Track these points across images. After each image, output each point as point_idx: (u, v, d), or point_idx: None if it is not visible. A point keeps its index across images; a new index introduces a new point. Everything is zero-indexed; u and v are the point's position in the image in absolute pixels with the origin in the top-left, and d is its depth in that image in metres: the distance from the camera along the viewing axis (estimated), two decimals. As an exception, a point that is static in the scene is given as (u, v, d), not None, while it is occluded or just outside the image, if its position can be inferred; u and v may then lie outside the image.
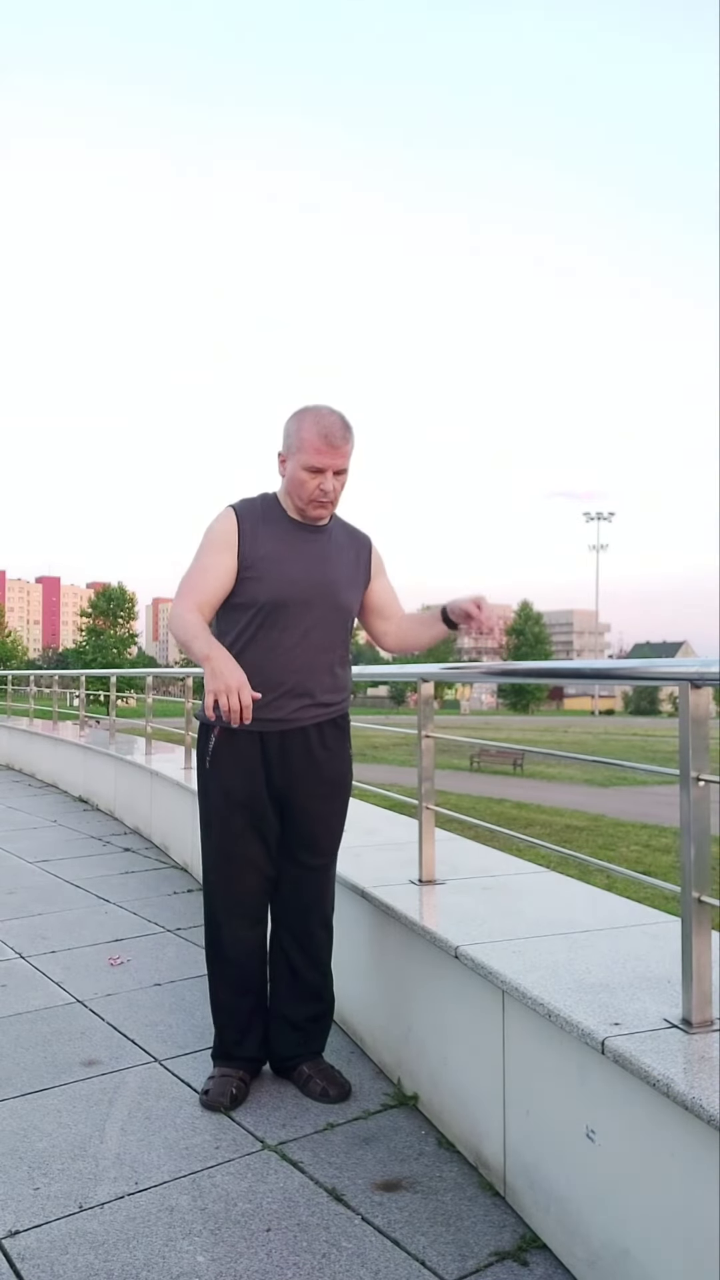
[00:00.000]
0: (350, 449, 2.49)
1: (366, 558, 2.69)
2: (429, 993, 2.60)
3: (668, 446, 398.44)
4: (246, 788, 2.53)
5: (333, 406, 2.49)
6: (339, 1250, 1.98)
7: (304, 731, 2.54)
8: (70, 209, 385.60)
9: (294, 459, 2.47)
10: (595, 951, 2.36)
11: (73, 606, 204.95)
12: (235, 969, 2.64)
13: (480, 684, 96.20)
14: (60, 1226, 2.07)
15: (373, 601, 2.71)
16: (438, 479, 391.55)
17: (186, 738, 6.72)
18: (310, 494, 2.48)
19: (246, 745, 2.51)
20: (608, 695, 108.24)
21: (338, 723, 2.63)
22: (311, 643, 2.51)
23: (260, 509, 2.56)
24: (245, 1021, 2.67)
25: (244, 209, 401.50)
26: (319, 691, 2.54)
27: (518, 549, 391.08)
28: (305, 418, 2.46)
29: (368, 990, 2.97)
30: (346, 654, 2.64)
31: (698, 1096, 1.60)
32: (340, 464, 2.47)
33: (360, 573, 2.65)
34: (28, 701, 12.72)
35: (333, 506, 2.55)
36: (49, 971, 3.81)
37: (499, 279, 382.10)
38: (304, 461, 2.45)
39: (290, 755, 2.54)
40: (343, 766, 2.66)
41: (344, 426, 2.46)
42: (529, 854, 5.62)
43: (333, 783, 2.63)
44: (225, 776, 2.54)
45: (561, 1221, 1.97)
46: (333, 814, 2.66)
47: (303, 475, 2.46)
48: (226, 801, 2.54)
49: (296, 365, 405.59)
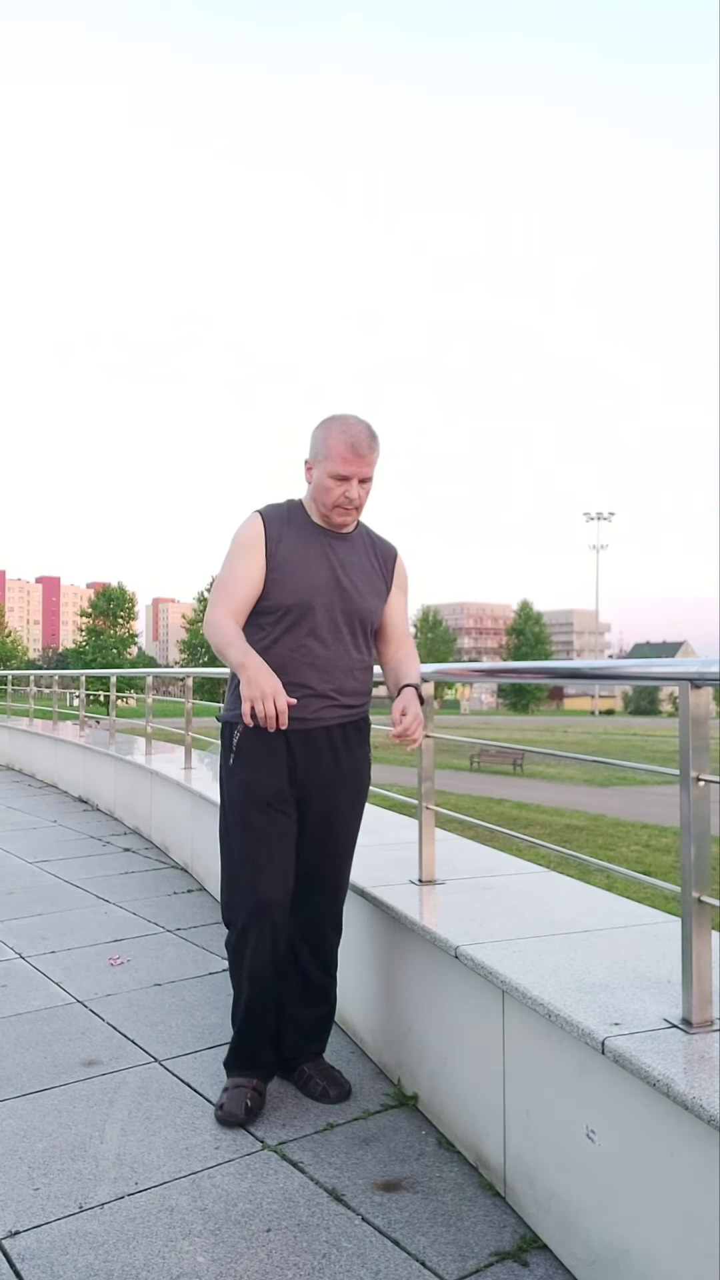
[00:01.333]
0: (376, 458, 2.54)
1: (390, 568, 2.71)
2: (429, 993, 2.60)
3: (668, 446, 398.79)
4: (271, 784, 2.53)
5: (359, 416, 2.54)
6: (339, 1250, 1.98)
7: (327, 731, 2.56)
8: (68, 210, 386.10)
9: (320, 466, 2.52)
10: (595, 951, 2.36)
11: (73, 606, 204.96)
12: (262, 977, 2.58)
13: (480, 684, 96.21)
14: (60, 1227, 2.07)
15: (385, 615, 2.72)
16: (438, 479, 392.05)
17: (186, 738, 6.73)
18: (335, 500, 2.52)
19: (271, 742, 2.52)
20: (608, 695, 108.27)
21: (359, 725, 2.65)
22: (335, 645, 2.55)
23: (286, 514, 2.60)
24: (263, 1027, 2.64)
25: (242, 211, 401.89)
26: (342, 693, 2.57)
27: (518, 549, 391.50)
28: (333, 426, 2.52)
29: (368, 990, 2.97)
30: (369, 658, 2.67)
31: (698, 1096, 1.60)
32: (366, 472, 2.51)
33: (382, 581, 2.68)
34: (28, 701, 12.72)
35: (357, 513, 2.60)
36: (49, 971, 3.81)
37: (498, 279, 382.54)
38: (330, 469, 2.49)
39: (313, 754, 2.55)
40: (362, 768, 2.67)
41: (370, 436, 2.51)
42: (529, 854, 5.63)
43: (352, 784, 2.64)
44: (250, 772, 2.54)
45: (561, 1221, 1.97)
46: (350, 816, 2.67)
47: (329, 483, 2.51)
48: (251, 798, 2.53)
49: (296, 364, 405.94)
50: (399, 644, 2.72)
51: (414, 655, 2.73)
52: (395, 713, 2.47)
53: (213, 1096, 2.68)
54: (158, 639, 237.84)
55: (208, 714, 9.28)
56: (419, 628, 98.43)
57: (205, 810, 5.29)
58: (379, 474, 2.57)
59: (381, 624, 2.70)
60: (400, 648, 2.72)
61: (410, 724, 2.42)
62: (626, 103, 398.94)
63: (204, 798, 5.29)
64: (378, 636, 2.71)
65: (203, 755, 7.21)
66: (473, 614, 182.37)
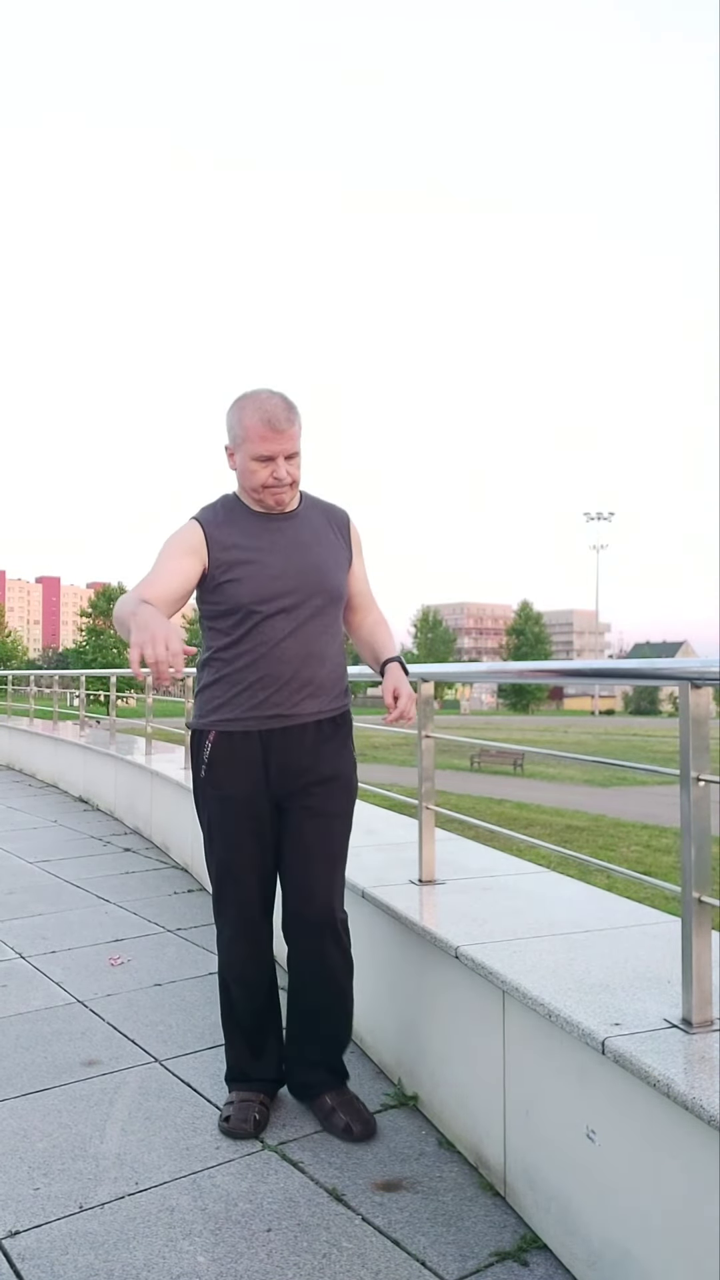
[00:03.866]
0: (297, 430, 2.36)
1: (347, 534, 2.57)
2: (429, 993, 2.60)
3: (668, 446, 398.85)
4: (245, 791, 2.42)
5: (272, 389, 2.37)
6: (339, 1250, 1.98)
7: (304, 729, 2.43)
8: (68, 210, 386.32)
9: (241, 450, 2.38)
10: (595, 951, 2.36)
11: (73, 606, 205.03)
12: (246, 989, 2.53)
13: (480, 684, 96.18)
14: (60, 1227, 2.07)
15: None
16: (437, 479, 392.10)
17: (186, 738, 6.73)
18: (264, 482, 2.37)
19: (244, 747, 2.41)
20: (608, 695, 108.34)
21: (338, 720, 2.51)
22: (305, 633, 2.40)
23: (222, 511, 2.46)
24: (260, 1041, 2.57)
25: (243, 211, 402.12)
26: (318, 682, 2.43)
27: (518, 549, 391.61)
28: (245, 406, 2.35)
29: (368, 990, 2.97)
30: (340, 640, 2.53)
31: (698, 1096, 1.60)
32: (289, 448, 2.35)
33: (342, 551, 2.53)
34: (28, 701, 12.72)
35: (293, 489, 2.44)
36: (49, 971, 3.81)
37: (498, 279, 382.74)
38: (251, 451, 2.35)
39: (292, 754, 2.42)
40: (347, 767, 2.53)
41: (287, 408, 2.34)
42: (529, 854, 5.63)
43: (335, 781, 2.49)
44: (223, 783, 2.43)
45: (561, 1221, 1.97)
46: (336, 816, 2.51)
47: (253, 465, 2.36)
48: (225, 809, 2.44)
49: (297, 363, 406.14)
50: (366, 610, 2.62)
51: (384, 622, 2.64)
52: (387, 695, 2.38)
53: (213, 1096, 2.68)
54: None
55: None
56: (419, 628, 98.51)
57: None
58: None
59: (350, 591, 2.58)
60: (368, 614, 2.62)
61: (405, 705, 2.36)
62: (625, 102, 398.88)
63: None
64: (347, 605, 2.59)
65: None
66: (473, 614, 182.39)
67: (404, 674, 2.46)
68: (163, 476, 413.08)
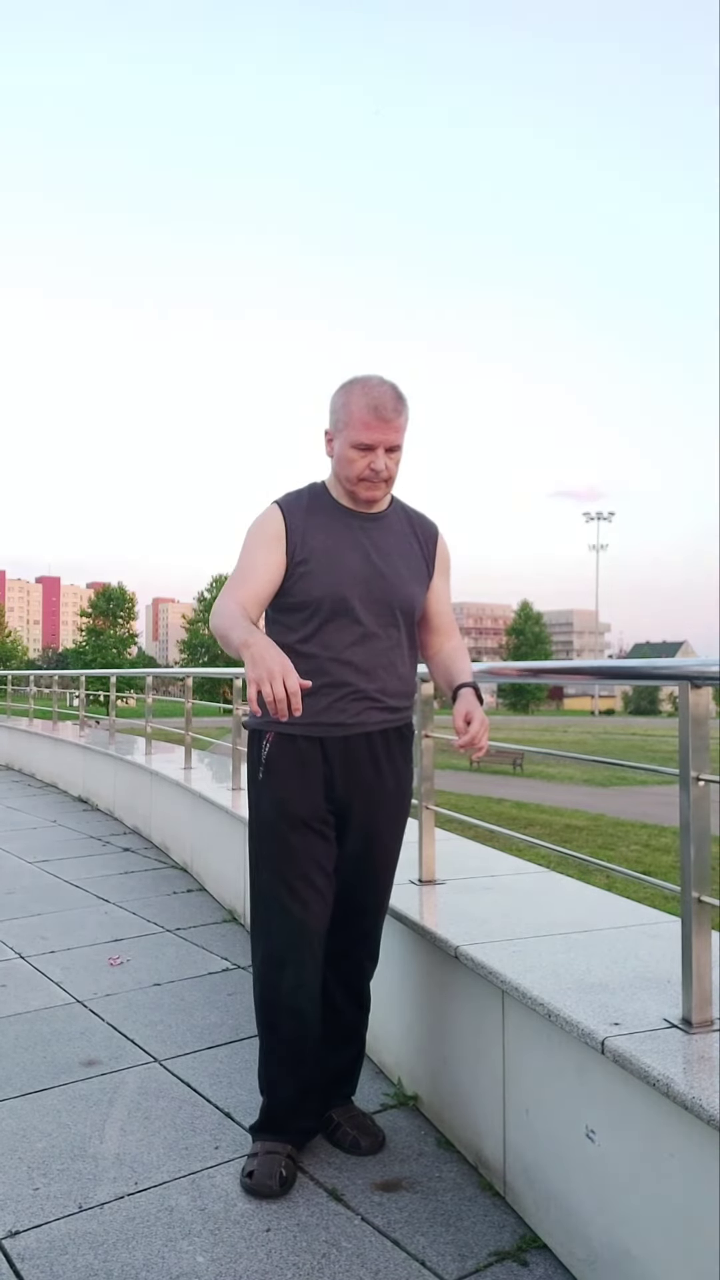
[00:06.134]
0: (404, 422, 2.25)
1: (432, 549, 2.43)
2: (429, 993, 2.60)
3: (668, 446, 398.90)
4: (306, 799, 2.26)
5: (384, 376, 2.26)
6: (339, 1250, 1.98)
7: (368, 738, 2.29)
8: (68, 212, 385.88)
9: (341, 436, 2.25)
10: (595, 951, 2.36)
11: (73, 606, 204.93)
12: (298, 1021, 2.28)
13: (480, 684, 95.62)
14: (60, 1227, 2.07)
15: (426, 603, 2.43)
16: (437, 478, 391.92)
17: (186, 738, 6.73)
18: (360, 473, 2.24)
19: (306, 751, 2.26)
20: (608, 695, 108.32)
21: (403, 732, 2.38)
22: (373, 640, 2.28)
23: (307, 500, 2.33)
24: (306, 1086, 2.32)
25: (243, 213, 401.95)
26: (384, 693, 2.30)
27: (518, 549, 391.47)
28: (353, 390, 2.24)
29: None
30: (412, 652, 2.39)
31: (698, 1096, 1.60)
32: (393, 439, 2.23)
33: (424, 564, 2.40)
34: (28, 701, 12.73)
35: (388, 487, 2.31)
36: (49, 971, 3.80)
37: (499, 278, 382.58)
38: (352, 438, 2.22)
39: (353, 765, 2.28)
40: (406, 781, 2.40)
41: (396, 398, 2.23)
42: (529, 854, 5.62)
43: (396, 798, 2.37)
44: (282, 787, 2.26)
45: (561, 1221, 1.97)
46: (393, 836, 2.39)
47: (351, 454, 2.24)
48: (284, 816, 2.25)
49: (295, 367, 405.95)
50: (445, 634, 2.47)
51: (463, 648, 2.49)
52: (458, 719, 2.21)
53: (213, 1096, 2.68)
54: (158, 639, 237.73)
55: (207, 714, 9.07)
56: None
57: (205, 810, 5.29)
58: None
59: (424, 611, 2.42)
60: (448, 638, 2.47)
61: (477, 731, 2.16)
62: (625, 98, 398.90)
63: (204, 798, 5.29)
64: (420, 626, 2.43)
65: (202, 755, 7.21)
66: (473, 614, 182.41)
67: (478, 701, 2.27)
68: (163, 477, 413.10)
